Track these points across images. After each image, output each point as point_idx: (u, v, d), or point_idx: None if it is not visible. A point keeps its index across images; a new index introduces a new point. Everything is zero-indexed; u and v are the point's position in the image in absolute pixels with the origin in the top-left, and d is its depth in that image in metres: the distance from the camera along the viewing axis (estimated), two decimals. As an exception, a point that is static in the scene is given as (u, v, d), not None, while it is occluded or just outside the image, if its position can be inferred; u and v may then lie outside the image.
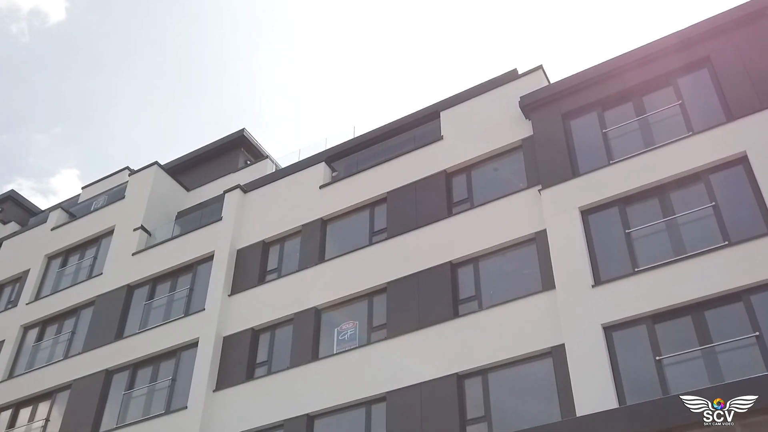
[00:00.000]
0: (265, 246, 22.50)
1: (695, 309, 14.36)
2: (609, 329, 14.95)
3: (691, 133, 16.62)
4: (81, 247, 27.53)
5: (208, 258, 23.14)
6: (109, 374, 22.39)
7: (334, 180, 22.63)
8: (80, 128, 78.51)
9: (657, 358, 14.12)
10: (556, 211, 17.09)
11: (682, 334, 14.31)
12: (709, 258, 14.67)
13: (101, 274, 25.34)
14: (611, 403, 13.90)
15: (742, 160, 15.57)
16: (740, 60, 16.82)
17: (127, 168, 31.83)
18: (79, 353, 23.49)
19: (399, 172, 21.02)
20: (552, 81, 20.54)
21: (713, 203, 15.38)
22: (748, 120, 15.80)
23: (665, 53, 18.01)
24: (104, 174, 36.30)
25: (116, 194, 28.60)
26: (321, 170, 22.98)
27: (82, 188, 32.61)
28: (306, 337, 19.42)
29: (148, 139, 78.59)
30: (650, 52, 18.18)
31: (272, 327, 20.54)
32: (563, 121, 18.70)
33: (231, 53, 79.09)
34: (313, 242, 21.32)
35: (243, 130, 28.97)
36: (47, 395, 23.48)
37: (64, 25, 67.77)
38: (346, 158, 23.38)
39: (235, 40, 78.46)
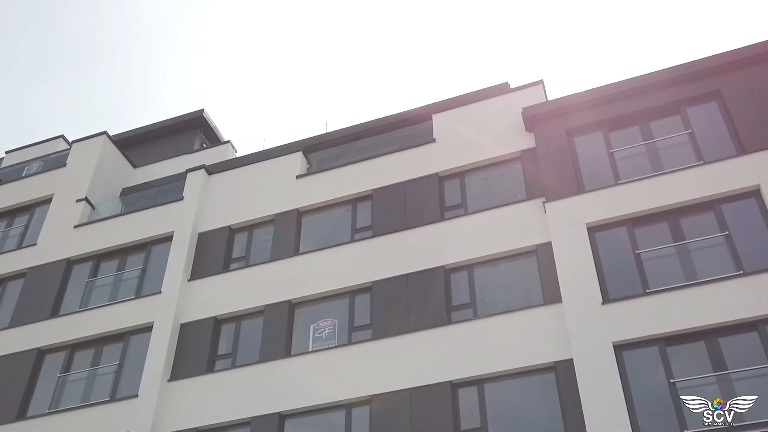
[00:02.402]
0: (231, 232, 21.10)
1: (709, 335, 14.28)
2: (620, 348, 14.66)
3: (702, 162, 16.72)
4: (9, 214, 25.07)
5: (165, 239, 21.48)
6: (41, 353, 20.28)
7: (314, 171, 21.58)
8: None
9: (671, 380, 13.90)
10: (562, 225, 16.76)
11: (695, 358, 14.21)
12: (724, 286, 14.68)
13: (35, 244, 23.11)
14: (623, 421, 13.58)
15: (755, 194, 15.77)
16: (751, 96, 17.12)
17: (62, 137, 29.56)
18: (5, 328, 21.21)
19: (386, 170, 20.22)
20: (549, 97, 20.39)
21: (726, 232, 15.45)
22: (763, 155, 16.01)
23: (674, 82, 18.16)
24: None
25: (55, 161, 26.28)
26: (298, 160, 21.86)
27: (6, 152, 29.94)
28: (278, 331, 18.19)
29: (29, 119, 72.28)
30: (659, 79, 18.31)
31: (238, 318, 19.18)
32: (568, 137, 18.49)
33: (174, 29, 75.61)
34: (288, 233, 20.15)
35: (202, 110, 27.40)
36: (-38, 372, 21.01)
37: None
38: (323, 151, 22.35)
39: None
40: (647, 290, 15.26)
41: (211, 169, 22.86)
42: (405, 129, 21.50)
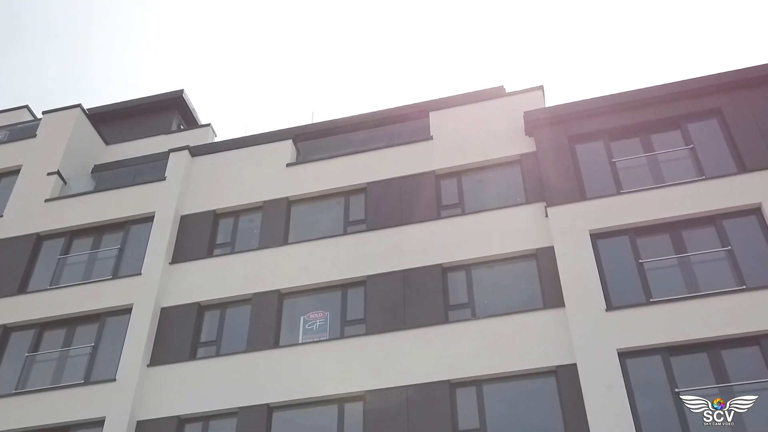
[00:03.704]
0: (215, 217, 20.44)
1: (712, 347, 14.46)
2: (623, 355, 14.71)
3: (703, 177, 16.97)
4: (-29, 183, 23.78)
5: (145, 219, 20.66)
6: (7, 331, 19.24)
7: (305, 160, 21.10)
8: None
9: (675, 390, 14.01)
10: (565, 231, 16.75)
11: (698, 369, 14.37)
12: (726, 300, 14.90)
13: (1, 216, 21.95)
14: (628, 429, 13.62)
15: (756, 211, 16.08)
16: (752, 116, 17.46)
17: (27, 107, 28.18)
18: (-33, 302, 20.04)
19: (382, 164, 19.92)
20: (547, 104, 20.42)
21: (728, 247, 15.68)
22: (764, 174, 16.32)
23: (676, 97, 18.39)
24: None
25: (23, 131, 25.01)
26: (288, 147, 21.34)
27: (-35, 119, 28.42)
28: (267, 321, 17.69)
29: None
30: (661, 93, 18.52)
31: (222, 305, 18.57)
32: (569, 144, 18.54)
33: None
34: (277, 222, 19.63)
35: (182, 90, 26.52)
36: None
37: None
38: (314, 141, 21.86)
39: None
40: (650, 300, 15.37)
41: (195, 151, 22.13)
42: (400, 125, 21.22)
